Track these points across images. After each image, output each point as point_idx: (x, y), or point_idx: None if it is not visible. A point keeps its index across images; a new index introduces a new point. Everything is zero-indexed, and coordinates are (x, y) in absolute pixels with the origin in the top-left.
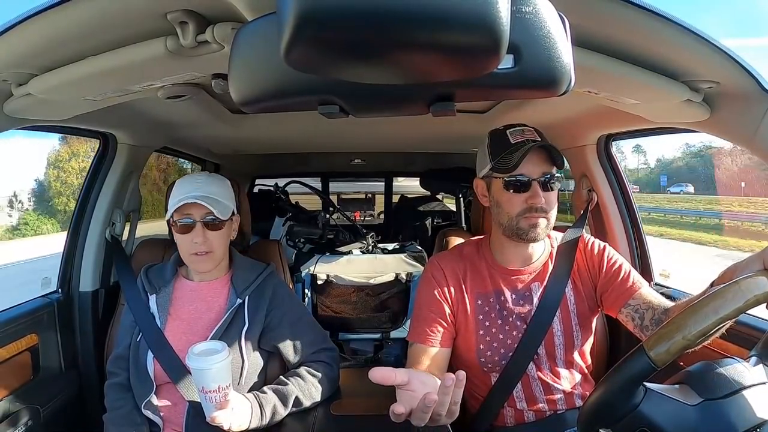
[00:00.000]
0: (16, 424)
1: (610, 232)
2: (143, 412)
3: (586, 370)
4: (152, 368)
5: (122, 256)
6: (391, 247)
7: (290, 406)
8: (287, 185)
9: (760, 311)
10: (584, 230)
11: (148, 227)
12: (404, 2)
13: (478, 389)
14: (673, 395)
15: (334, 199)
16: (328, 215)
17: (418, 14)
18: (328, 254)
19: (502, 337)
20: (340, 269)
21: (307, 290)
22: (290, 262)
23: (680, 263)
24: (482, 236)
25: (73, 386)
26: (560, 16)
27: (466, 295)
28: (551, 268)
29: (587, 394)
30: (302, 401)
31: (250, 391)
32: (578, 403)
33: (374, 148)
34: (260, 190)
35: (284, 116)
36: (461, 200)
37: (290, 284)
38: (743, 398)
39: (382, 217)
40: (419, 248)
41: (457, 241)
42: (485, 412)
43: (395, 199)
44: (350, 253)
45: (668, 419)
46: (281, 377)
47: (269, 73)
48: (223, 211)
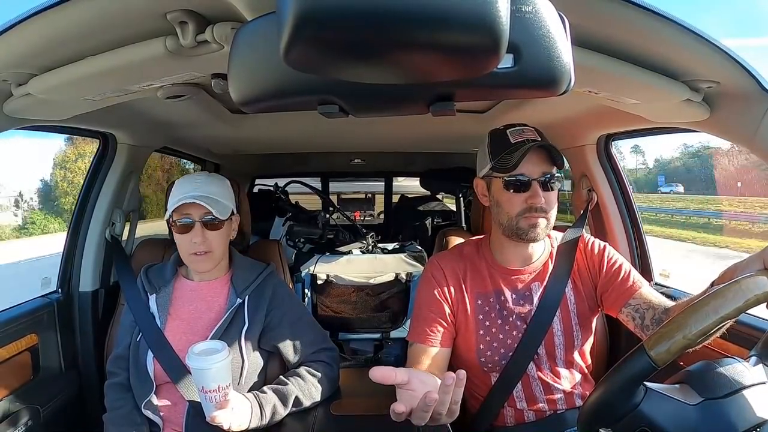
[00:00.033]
0: (16, 424)
1: (609, 232)
2: (143, 412)
3: (586, 369)
4: (152, 368)
5: (122, 256)
6: (391, 247)
7: (290, 405)
8: (287, 185)
9: (760, 311)
10: (584, 230)
11: (154, 225)
12: (404, 2)
13: (478, 389)
14: (673, 395)
15: (334, 199)
16: (328, 215)
17: (417, 14)
18: (328, 254)
19: (502, 336)
20: (340, 269)
21: (307, 290)
22: (290, 262)
23: (653, 257)
24: (482, 236)
25: (73, 386)
26: (560, 15)
27: (466, 294)
28: (551, 268)
29: (587, 393)
30: (302, 401)
31: (250, 390)
32: (578, 402)
33: (374, 148)
34: (260, 190)
35: (284, 116)
36: (461, 200)
37: (290, 284)
38: (743, 398)
39: (382, 217)
40: (419, 248)
41: (457, 240)
42: (485, 411)
43: (395, 198)
44: (350, 253)
45: (668, 419)
46: (281, 377)
47: (269, 72)
48: (222, 210)
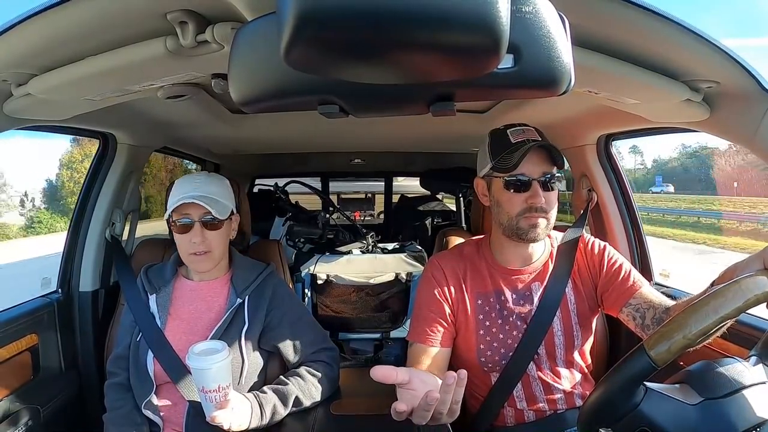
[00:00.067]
0: (16, 424)
1: (609, 231)
2: (143, 411)
3: (586, 369)
4: (152, 368)
5: (122, 256)
6: (390, 246)
7: (290, 405)
8: (287, 185)
9: (760, 311)
10: (584, 230)
11: (158, 225)
12: (404, 2)
13: (478, 389)
14: (673, 395)
15: (334, 198)
16: (328, 215)
17: (418, 14)
18: (328, 254)
19: (502, 336)
20: (340, 269)
21: (307, 290)
22: (290, 261)
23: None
24: (482, 236)
25: (73, 386)
26: (560, 15)
27: (466, 294)
28: (551, 268)
29: (587, 393)
30: (302, 401)
31: (250, 390)
32: (578, 402)
33: (374, 147)
34: (260, 190)
35: (284, 116)
36: (461, 200)
37: (290, 284)
38: (743, 398)
39: (382, 216)
40: (419, 248)
41: (457, 240)
42: (485, 411)
43: (395, 198)
44: (350, 252)
45: (668, 418)
46: (281, 377)
47: (269, 73)
48: (221, 210)
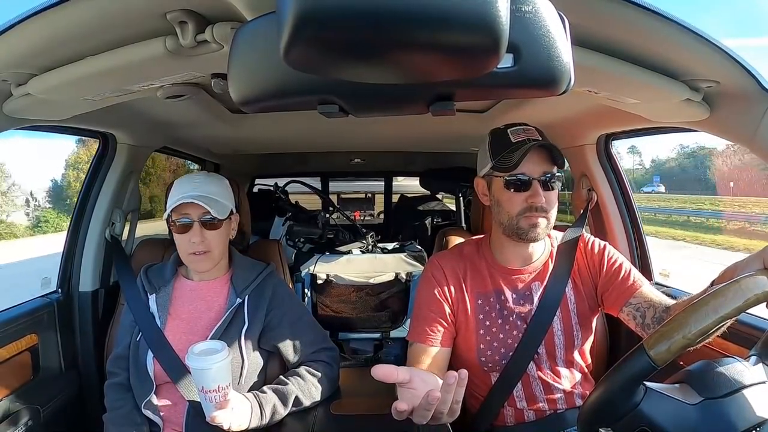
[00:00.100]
0: (16, 424)
1: (609, 231)
2: (143, 411)
3: (586, 369)
4: (152, 368)
5: (122, 255)
6: (390, 246)
7: (290, 405)
8: (287, 185)
9: (760, 310)
10: (584, 230)
11: (162, 224)
12: (404, 2)
13: (478, 389)
14: (673, 394)
15: (333, 198)
16: (327, 215)
17: (417, 14)
18: (327, 254)
19: (502, 336)
20: (339, 269)
21: (306, 290)
22: (290, 261)
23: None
24: (482, 236)
25: (73, 386)
26: (560, 15)
27: (466, 294)
28: (551, 267)
29: (587, 393)
30: (302, 401)
31: (250, 390)
32: (578, 402)
33: (374, 147)
34: (260, 189)
35: (284, 116)
36: (461, 200)
37: (290, 284)
38: (743, 397)
39: (381, 216)
40: (419, 248)
41: (456, 240)
42: (485, 411)
43: (395, 198)
44: (350, 252)
45: (668, 418)
46: (281, 377)
47: (269, 72)
48: (220, 210)
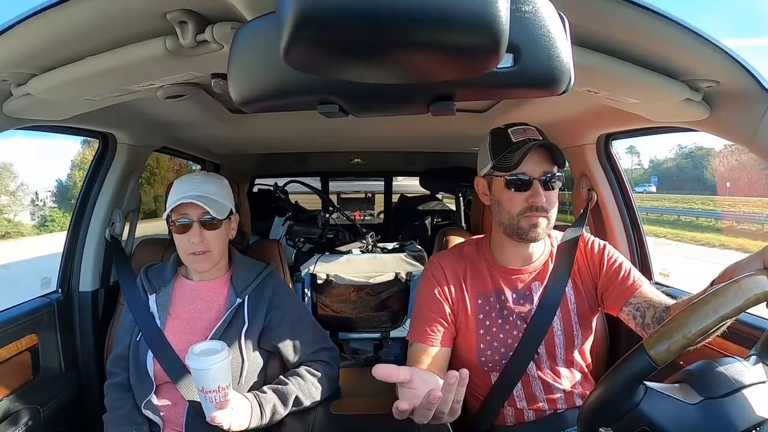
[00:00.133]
0: (16, 424)
1: (609, 231)
2: (143, 411)
3: (586, 369)
4: (152, 368)
5: (122, 255)
6: (390, 246)
7: (290, 405)
8: (287, 185)
9: (760, 310)
10: (584, 229)
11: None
12: (404, 2)
13: (478, 389)
14: (673, 394)
15: (333, 198)
16: (327, 215)
17: (417, 14)
18: (327, 254)
19: (502, 336)
20: (339, 269)
21: (306, 290)
22: (290, 261)
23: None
24: (482, 235)
25: (73, 386)
26: (560, 15)
27: (466, 294)
28: (551, 267)
29: (587, 393)
30: (302, 401)
31: (250, 390)
32: (578, 402)
33: (374, 147)
34: (260, 189)
35: (284, 116)
36: (461, 199)
37: (290, 284)
38: (743, 397)
39: (381, 216)
40: (419, 248)
41: (456, 240)
42: (485, 411)
43: (395, 198)
44: (350, 252)
45: (668, 418)
46: (281, 377)
47: (269, 72)
48: (220, 210)
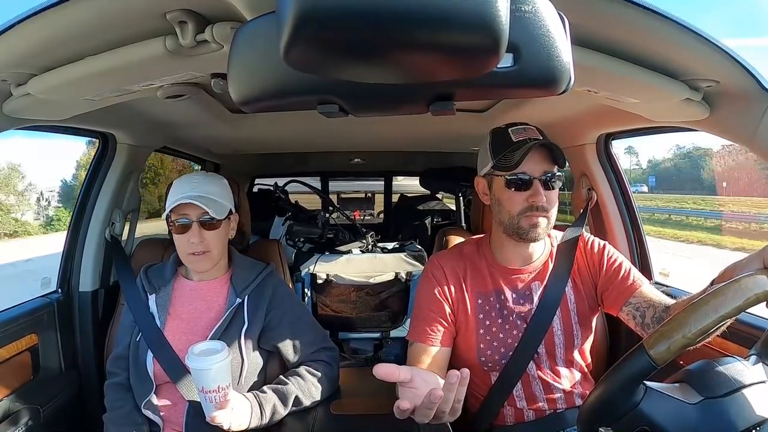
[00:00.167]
0: (16, 424)
1: (609, 231)
2: (143, 411)
3: (585, 369)
4: (152, 368)
5: (122, 255)
6: (390, 246)
7: (290, 405)
8: (287, 185)
9: (760, 310)
10: (584, 229)
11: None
12: (404, 2)
13: (478, 388)
14: (673, 394)
15: (333, 198)
16: (327, 214)
17: (417, 14)
18: (327, 253)
19: (502, 336)
20: (339, 268)
21: (306, 290)
22: (290, 261)
23: None
24: (482, 235)
25: (73, 386)
26: (560, 15)
27: (466, 294)
28: (551, 267)
29: (587, 393)
30: (302, 401)
31: (249, 390)
32: (578, 402)
33: (374, 147)
34: (260, 189)
35: (284, 116)
36: (461, 199)
37: (290, 284)
38: (743, 397)
39: (381, 216)
40: (419, 247)
41: (456, 240)
42: (485, 411)
43: (395, 198)
44: (350, 252)
45: (668, 418)
46: (281, 377)
47: (268, 72)
48: (219, 210)
